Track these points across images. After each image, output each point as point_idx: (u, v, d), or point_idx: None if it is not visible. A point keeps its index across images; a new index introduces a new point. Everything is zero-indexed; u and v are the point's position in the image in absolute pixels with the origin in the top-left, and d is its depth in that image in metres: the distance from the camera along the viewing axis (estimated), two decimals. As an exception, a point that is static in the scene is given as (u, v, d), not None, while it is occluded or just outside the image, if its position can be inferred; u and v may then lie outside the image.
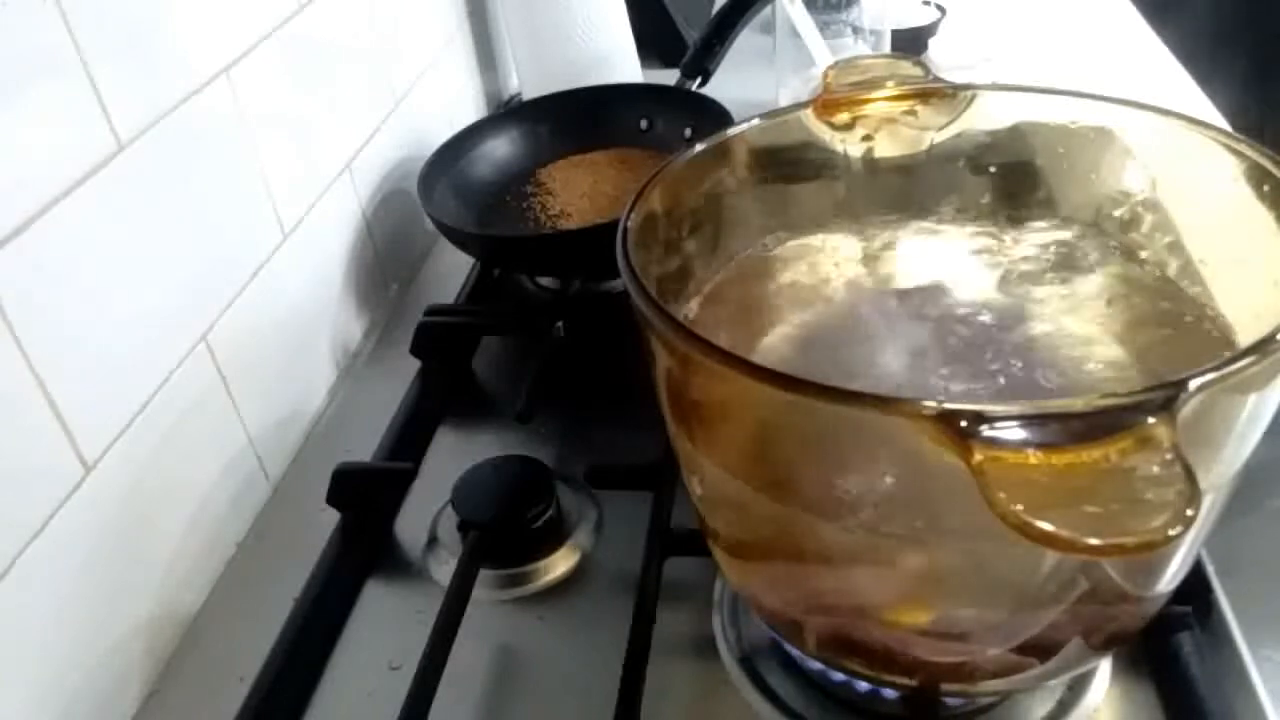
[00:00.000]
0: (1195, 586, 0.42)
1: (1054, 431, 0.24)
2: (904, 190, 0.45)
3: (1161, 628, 0.41)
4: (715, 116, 0.71)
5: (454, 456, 0.56)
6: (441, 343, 0.63)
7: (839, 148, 0.44)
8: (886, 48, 0.84)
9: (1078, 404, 0.25)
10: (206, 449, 0.52)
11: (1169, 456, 0.23)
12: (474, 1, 0.91)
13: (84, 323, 0.43)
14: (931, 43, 0.94)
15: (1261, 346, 0.27)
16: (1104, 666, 0.41)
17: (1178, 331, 0.37)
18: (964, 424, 0.25)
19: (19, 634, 0.40)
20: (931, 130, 0.43)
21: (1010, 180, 0.44)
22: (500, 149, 0.76)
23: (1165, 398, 0.25)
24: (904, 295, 0.41)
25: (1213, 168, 0.36)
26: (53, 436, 0.41)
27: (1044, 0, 1.05)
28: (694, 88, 0.82)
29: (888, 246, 0.44)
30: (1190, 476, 0.23)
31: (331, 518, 0.52)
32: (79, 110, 0.43)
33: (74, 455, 0.43)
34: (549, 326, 0.62)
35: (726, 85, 0.81)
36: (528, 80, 0.90)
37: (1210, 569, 0.43)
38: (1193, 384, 0.25)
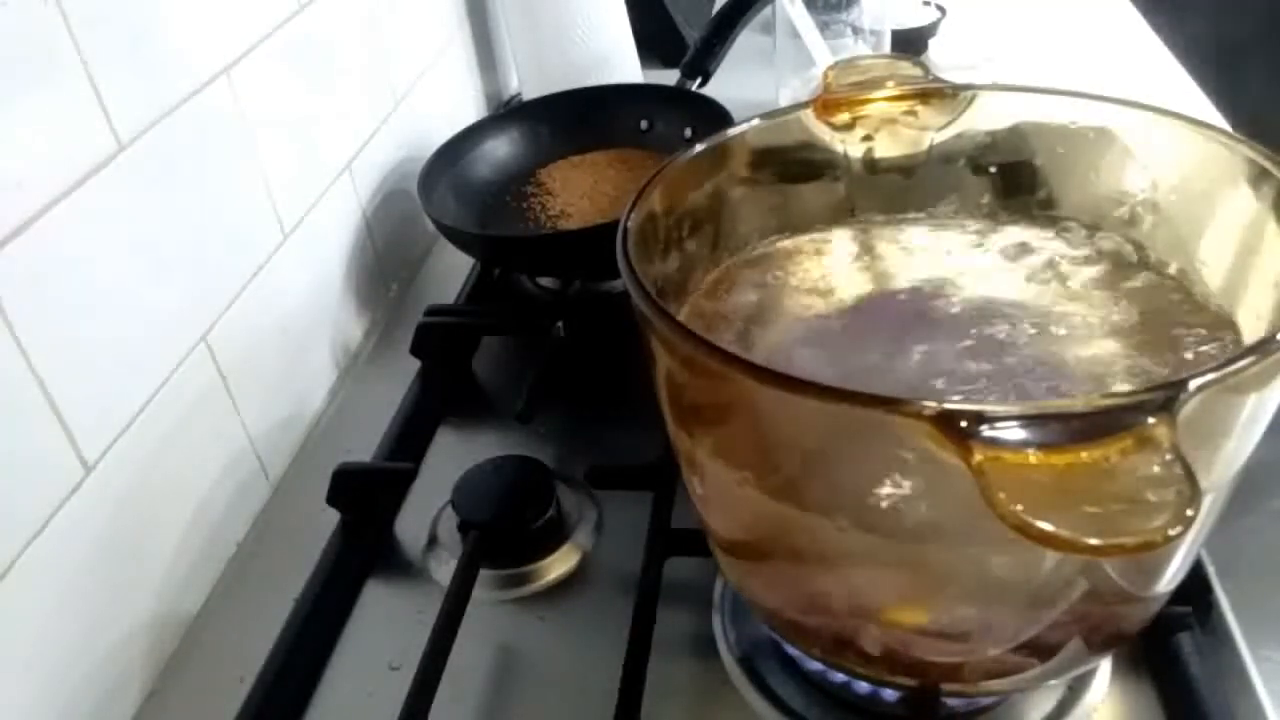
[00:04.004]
0: (1195, 586, 0.42)
1: (1054, 431, 0.24)
2: (904, 190, 0.45)
3: (1161, 628, 0.40)
4: (715, 116, 0.71)
5: (454, 456, 0.56)
6: (441, 343, 0.63)
7: (839, 148, 0.44)
8: (886, 48, 0.84)
9: (1078, 404, 0.25)
10: (206, 449, 0.52)
11: (1169, 456, 0.23)
12: (474, 1, 0.91)
13: (84, 323, 0.43)
14: (931, 43, 0.95)
15: (1261, 346, 0.27)
16: (1104, 666, 0.41)
17: (1178, 331, 0.37)
18: (964, 424, 0.25)
19: (19, 634, 0.40)
20: (931, 130, 0.43)
21: (1010, 180, 0.44)
22: (500, 149, 0.76)
23: (1165, 398, 0.25)
24: (904, 295, 0.41)
25: (1213, 168, 0.36)
26: (53, 436, 0.41)
27: (1044, 0, 1.05)
28: (694, 88, 0.82)
29: (888, 246, 0.44)
30: (1190, 476, 0.23)
31: (331, 518, 0.52)
32: (79, 110, 0.43)
33: (74, 455, 0.43)
34: (549, 326, 0.62)
35: (726, 85, 0.81)
36: (528, 80, 0.90)
37: (1210, 569, 0.43)
38: (1193, 384, 0.25)
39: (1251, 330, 0.35)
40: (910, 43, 0.92)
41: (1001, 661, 0.35)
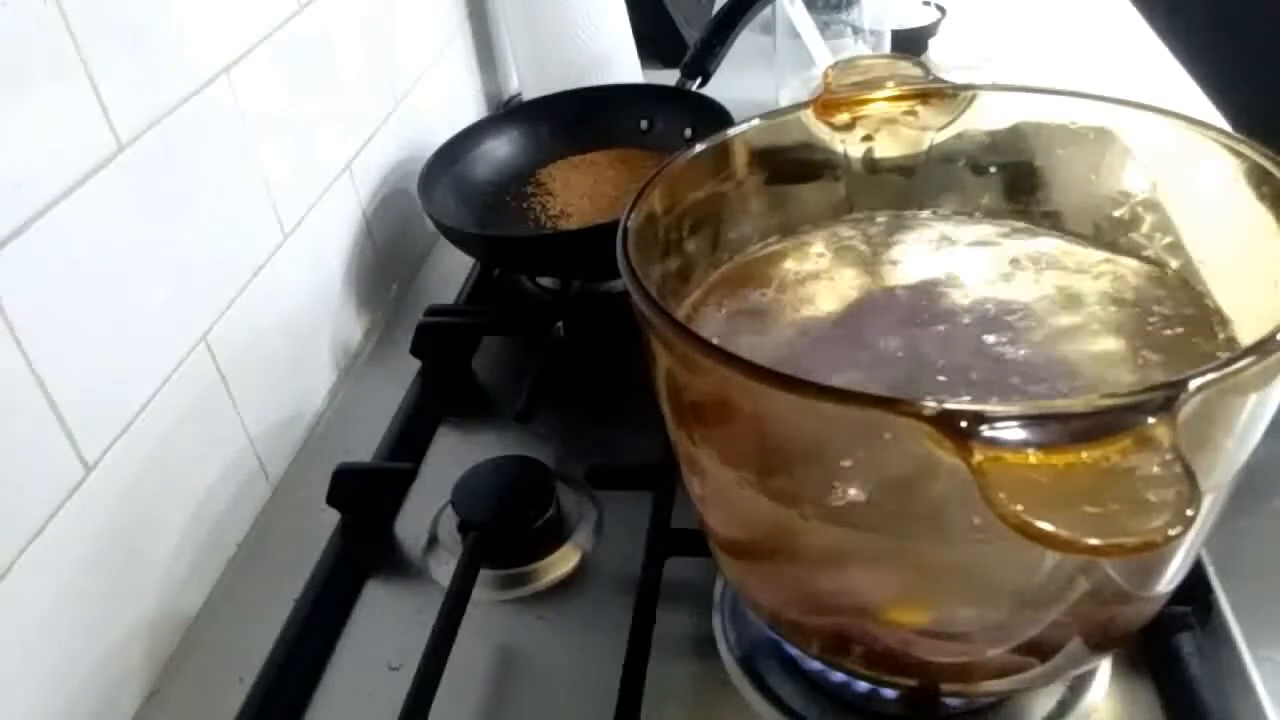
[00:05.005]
0: (1195, 586, 0.42)
1: (1054, 431, 0.24)
2: (904, 190, 0.45)
3: (1161, 628, 0.40)
4: (715, 116, 0.71)
5: (454, 456, 0.56)
6: (441, 343, 0.63)
7: (839, 148, 0.44)
8: (886, 48, 0.84)
9: (1078, 404, 0.25)
10: (206, 449, 0.52)
11: (1169, 457, 0.23)
12: (474, 1, 0.91)
13: (84, 323, 0.43)
14: (931, 43, 0.95)
15: (1261, 346, 0.27)
16: (1104, 666, 0.41)
17: (1178, 331, 0.37)
18: (964, 424, 0.25)
19: (19, 634, 0.40)
20: (931, 130, 0.43)
21: (1010, 180, 0.44)
22: (500, 149, 0.76)
23: (1165, 398, 0.25)
24: (904, 295, 0.41)
25: (1213, 168, 0.36)
26: (53, 436, 0.41)
27: (1044, 0, 1.05)
28: (694, 88, 0.82)
29: (888, 246, 0.44)
30: (1190, 477, 0.23)
31: (331, 518, 0.52)
32: (79, 110, 0.43)
33: (74, 455, 0.43)
34: (549, 326, 0.62)
35: (726, 85, 0.81)
36: (528, 80, 0.90)
37: (1210, 569, 0.43)
38: (1193, 384, 0.25)
39: (1251, 330, 0.35)
40: (910, 43, 0.92)
41: (1001, 661, 0.35)
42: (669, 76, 0.83)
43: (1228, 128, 0.36)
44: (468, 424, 0.60)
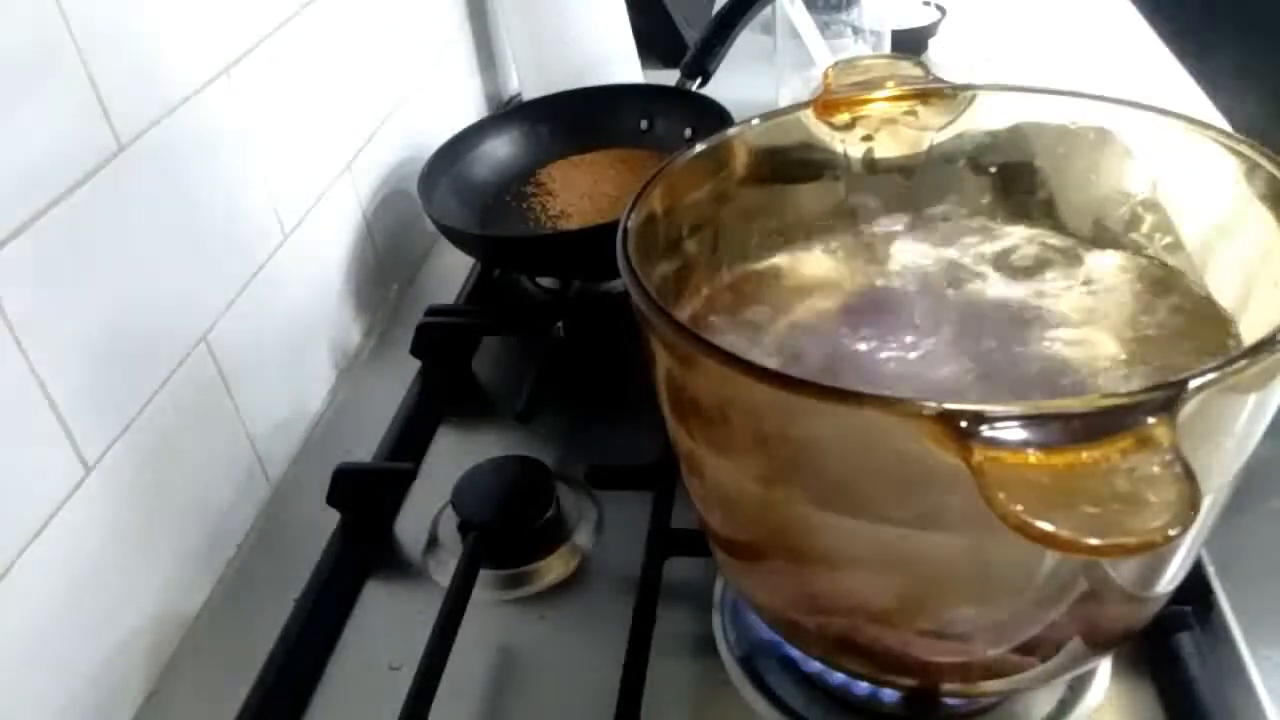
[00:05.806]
0: (1195, 586, 0.42)
1: (1054, 431, 0.24)
2: (904, 190, 0.45)
3: (1161, 628, 0.41)
4: (715, 116, 0.71)
5: (454, 456, 0.56)
6: (441, 343, 0.63)
7: (839, 148, 0.44)
8: (886, 48, 0.84)
9: (1078, 404, 0.25)
10: (207, 449, 0.52)
11: (1169, 457, 0.23)
12: (474, 2, 0.91)
13: (84, 323, 0.43)
14: (931, 43, 0.95)
15: (1261, 346, 0.27)
16: (1104, 666, 0.41)
17: (1178, 331, 0.37)
18: (964, 424, 0.25)
19: (19, 634, 0.40)
20: (931, 130, 0.43)
21: (1010, 180, 0.44)
22: (500, 149, 0.76)
23: (1165, 398, 0.25)
24: (904, 295, 0.41)
25: (1213, 168, 0.36)
26: (53, 436, 0.41)
27: (1044, 0, 1.05)
28: (694, 88, 0.82)
29: (888, 246, 0.44)
30: (1190, 477, 0.23)
31: (331, 518, 0.52)
32: (79, 110, 0.43)
33: (74, 455, 0.43)
34: (549, 326, 0.62)
35: (726, 85, 0.81)
36: (528, 80, 0.90)
37: (1210, 569, 0.43)
38: (1193, 384, 0.25)
39: (1252, 330, 0.35)
40: (910, 43, 0.92)
41: (1001, 661, 0.35)
42: (669, 76, 0.83)
43: (1228, 128, 0.36)
44: (468, 424, 0.60)
